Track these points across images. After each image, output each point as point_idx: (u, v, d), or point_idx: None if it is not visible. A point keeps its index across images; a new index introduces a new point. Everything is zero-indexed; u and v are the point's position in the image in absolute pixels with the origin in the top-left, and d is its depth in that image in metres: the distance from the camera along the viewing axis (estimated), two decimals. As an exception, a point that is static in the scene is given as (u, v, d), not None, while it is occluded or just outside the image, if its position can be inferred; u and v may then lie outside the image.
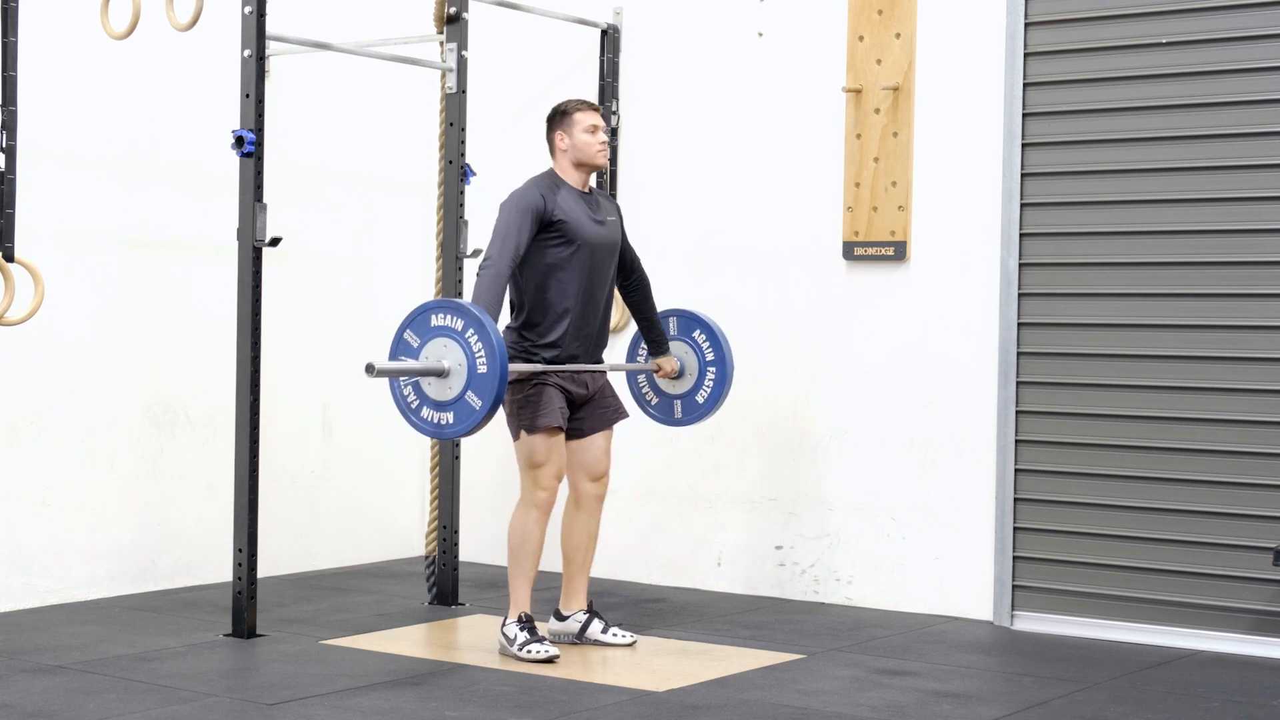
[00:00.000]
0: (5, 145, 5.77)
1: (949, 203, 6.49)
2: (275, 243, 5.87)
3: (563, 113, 5.76)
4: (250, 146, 5.79)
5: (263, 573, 6.49)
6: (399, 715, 4.87)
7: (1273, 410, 5.88)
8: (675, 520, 7.10)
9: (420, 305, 5.35)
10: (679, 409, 6.23)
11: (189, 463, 6.84)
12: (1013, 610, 6.31)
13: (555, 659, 5.54)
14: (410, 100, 7.44)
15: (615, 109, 7.18)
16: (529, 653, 5.56)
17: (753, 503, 6.90)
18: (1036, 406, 6.29)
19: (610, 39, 7.19)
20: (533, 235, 5.58)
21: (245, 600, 5.87)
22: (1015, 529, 6.31)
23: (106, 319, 6.57)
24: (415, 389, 5.32)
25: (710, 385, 6.15)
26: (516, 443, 5.68)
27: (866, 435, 6.67)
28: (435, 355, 5.25)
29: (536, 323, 5.65)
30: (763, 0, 6.90)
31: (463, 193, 6.52)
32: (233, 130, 5.85)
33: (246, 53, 5.83)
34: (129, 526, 6.66)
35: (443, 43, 6.50)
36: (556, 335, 5.64)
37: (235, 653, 5.69)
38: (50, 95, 6.29)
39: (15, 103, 5.80)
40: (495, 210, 5.61)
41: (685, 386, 6.20)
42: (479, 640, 5.92)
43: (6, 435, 6.26)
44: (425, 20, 6.73)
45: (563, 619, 5.87)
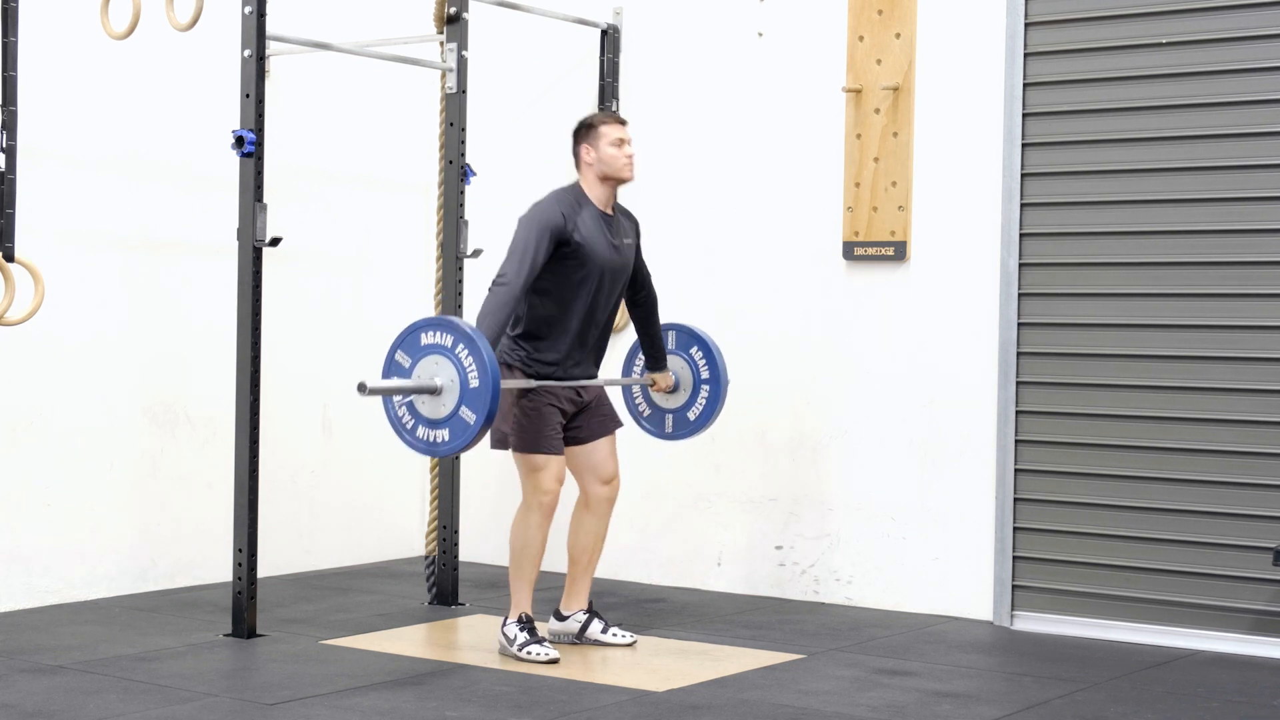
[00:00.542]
0: (5, 145, 5.77)
1: (949, 203, 6.49)
2: (275, 243, 5.87)
3: (589, 126, 5.70)
4: (250, 146, 5.79)
5: (263, 573, 6.49)
6: (399, 715, 4.87)
7: (1273, 410, 5.88)
8: (675, 520, 7.10)
9: (410, 324, 5.33)
10: (670, 423, 6.23)
11: (189, 463, 6.84)
12: (1013, 610, 6.31)
13: (555, 661, 5.54)
14: (410, 100, 7.44)
15: (615, 109, 7.18)
16: (529, 654, 5.56)
17: (753, 503, 6.90)
18: (1036, 406, 6.29)
19: (610, 39, 7.19)
20: (549, 254, 5.53)
21: (245, 600, 5.87)
22: (1015, 529, 6.31)
23: (107, 319, 6.57)
24: (409, 408, 5.30)
25: (703, 403, 6.14)
26: (515, 453, 5.68)
27: (866, 436, 6.67)
28: (427, 373, 5.24)
29: (536, 336, 5.64)
30: (763, 0, 6.90)
31: (463, 193, 6.52)
32: (233, 130, 5.85)
33: (246, 53, 5.83)
34: (129, 526, 6.66)
35: (443, 43, 6.50)
36: (555, 353, 5.62)
37: (235, 653, 5.69)
38: (50, 95, 6.29)
39: (15, 103, 5.79)
40: (495, 210, 5.63)
41: (678, 402, 6.19)
42: (479, 640, 5.92)
43: (7, 435, 6.26)
44: (425, 20, 6.73)
45: (563, 619, 5.87)
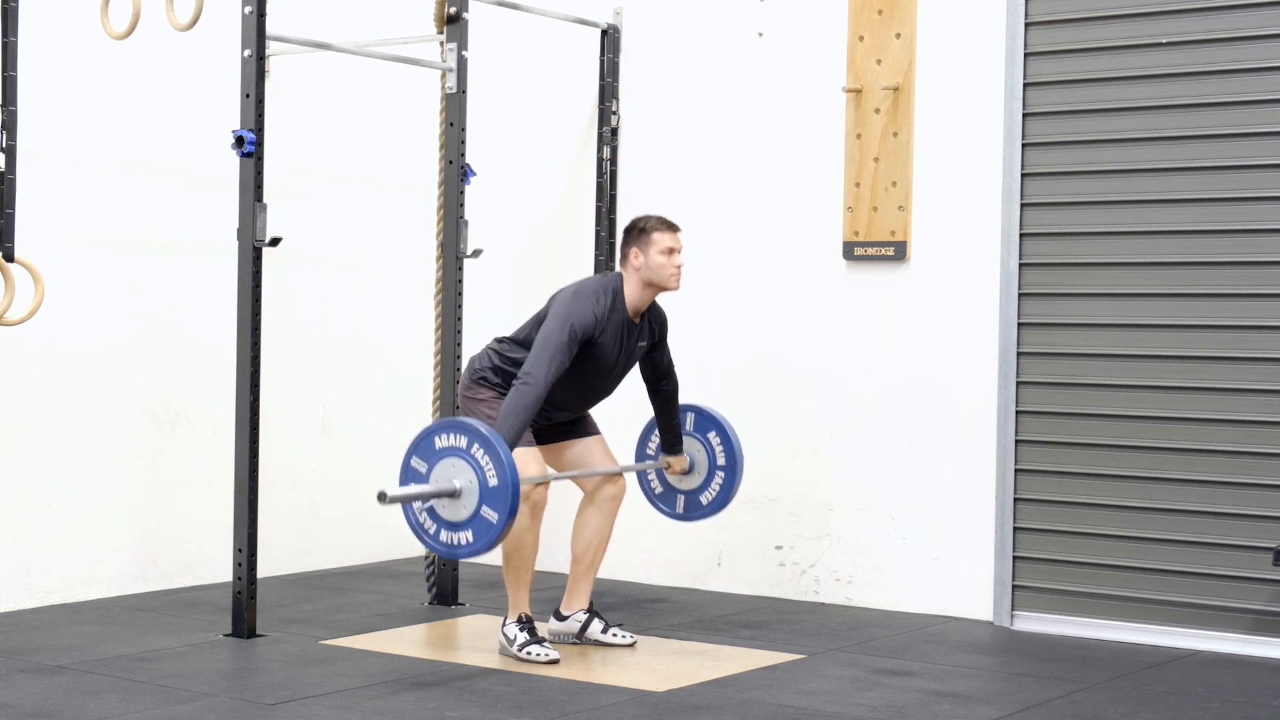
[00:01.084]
0: (5, 145, 5.77)
1: (949, 203, 6.49)
2: (275, 243, 5.87)
3: (641, 230, 5.63)
4: (250, 146, 5.79)
5: (263, 573, 6.49)
6: (399, 715, 4.87)
7: (1273, 410, 5.88)
8: (675, 520, 7.08)
9: (423, 430, 5.35)
10: (681, 504, 6.21)
11: (189, 463, 6.83)
12: (1013, 610, 6.31)
13: (556, 661, 5.53)
14: (410, 100, 7.43)
15: (615, 109, 7.18)
16: (529, 654, 5.56)
17: (753, 503, 6.90)
18: (1036, 406, 6.29)
19: (610, 39, 7.19)
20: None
21: (245, 600, 5.87)
22: (1015, 529, 6.31)
23: (107, 319, 6.57)
24: (430, 514, 5.31)
25: (717, 489, 6.12)
26: None
27: (866, 435, 6.67)
28: (445, 476, 5.26)
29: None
30: (763, 0, 6.90)
31: (463, 193, 6.51)
32: (233, 130, 5.85)
33: (246, 53, 5.83)
34: (129, 526, 6.66)
35: (443, 43, 6.50)
36: (542, 412, 5.62)
37: (235, 653, 5.69)
38: (50, 95, 6.29)
39: (15, 103, 5.79)
40: (495, 210, 5.61)
41: (692, 484, 6.17)
42: (479, 640, 5.92)
43: (7, 435, 6.26)
44: (425, 20, 6.73)
45: (563, 619, 5.86)
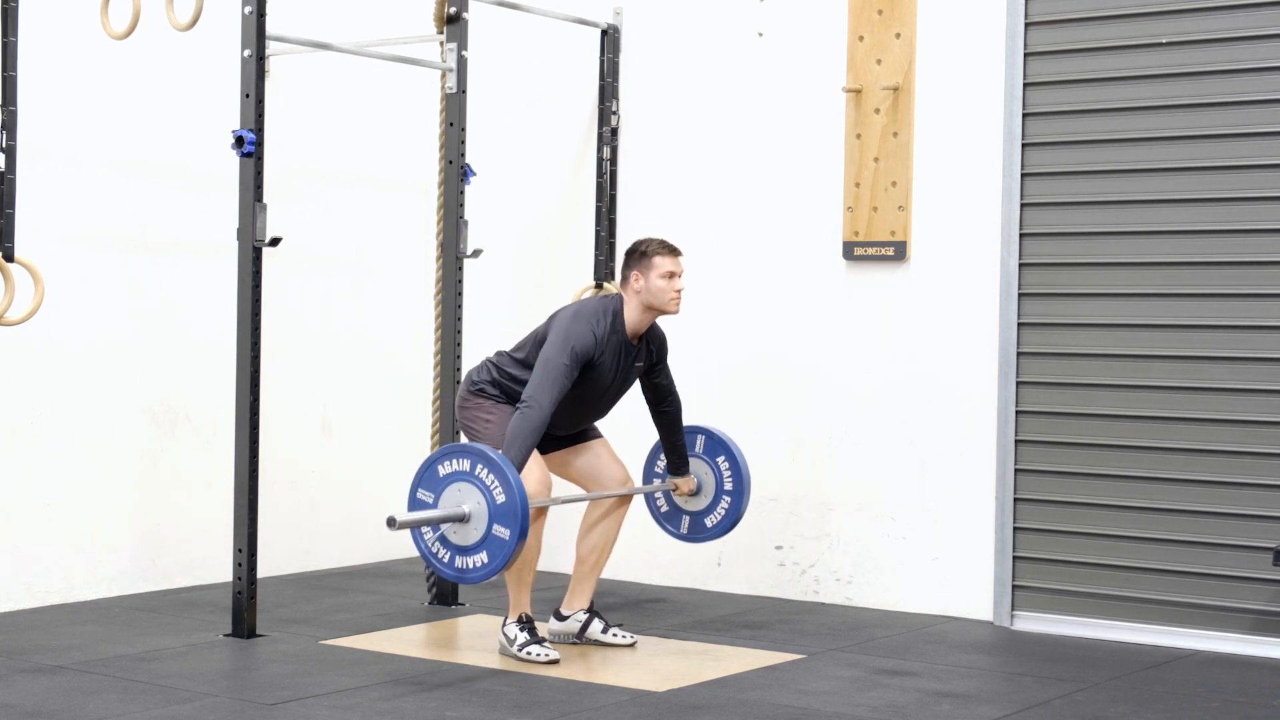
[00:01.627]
0: (5, 145, 5.77)
1: (949, 203, 6.49)
2: (275, 243, 5.87)
3: (642, 254, 5.63)
4: (250, 146, 5.79)
5: (263, 573, 6.49)
6: (399, 715, 4.87)
7: (1273, 410, 5.88)
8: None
9: (425, 460, 5.36)
10: (686, 525, 6.23)
11: (189, 463, 6.83)
12: (1013, 610, 6.31)
13: (556, 662, 5.53)
14: (410, 100, 7.43)
15: (615, 109, 7.18)
16: (529, 654, 5.56)
17: (753, 503, 6.87)
18: (1036, 406, 6.29)
19: (610, 39, 7.19)
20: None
21: (245, 600, 5.87)
22: (1015, 529, 6.31)
23: (106, 319, 6.57)
24: (441, 541, 5.30)
25: (722, 513, 6.14)
26: None
27: (866, 435, 6.67)
28: (453, 502, 5.26)
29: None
30: (763, 0, 6.90)
31: (463, 193, 6.51)
32: (233, 130, 5.85)
33: (246, 53, 5.83)
34: (129, 526, 6.66)
35: (443, 43, 6.50)
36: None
37: (235, 653, 5.69)
38: (50, 95, 6.29)
39: (15, 103, 5.79)
40: (495, 210, 5.61)
41: (698, 505, 6.19)
42: (479, 640, 5.92)
43: (7, 435, 6.26)
44: (425, 20, 6.73)
45: (563, 619, 5.86)
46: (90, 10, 6.19)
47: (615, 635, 5.86)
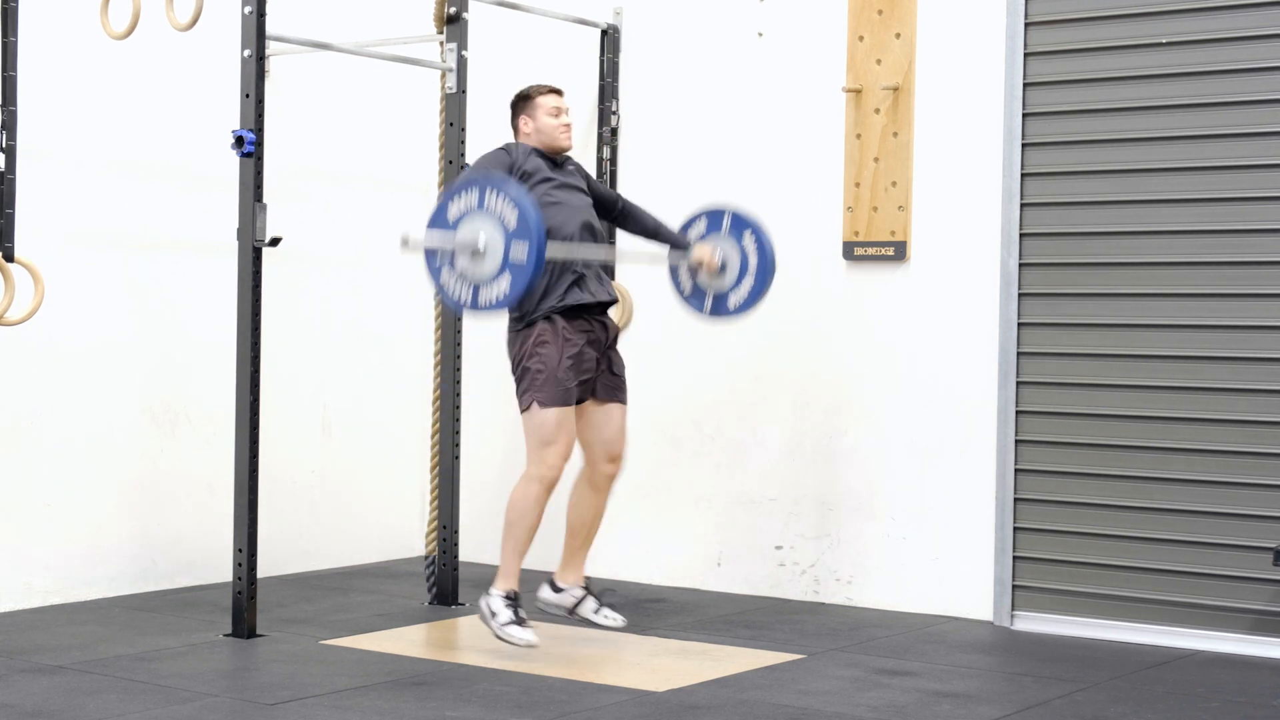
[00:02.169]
0: (5, 145, 5.77)
1: (949, 203, 6.49)
2: (275, 243, 5.87)
3: (525, 97, 5.87)
4: (250, 146, 5.79)
5: (263, 573, 6.48)
6: (399, 715, 4.87)
7: (1273, 410, 5.88)
8: (675, 520, 7.09)
9: (435, 208, 5.36)
10: (710, 303, 6.17)
11: (189, 463, 6.83)
12: (1013, 610, 6.31)
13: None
14: (410, 100, 7.44)
15: (615, 109, 7.18)
16: (508, 634, 5.54)
17: (753, 503, 6.90)
18: (1036, 406, 6.29)
19: (610, 39, 7.19)
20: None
21: (245, 600, 5.87)
22: (1015, 529, 6.31)
23: (106, 319, 6.57)
24: (463, 283, 5.25)
25: (746, 292, 6.08)
26: (525, 414, 5.62)
27: (866, 435, 6.67)
28: (468, 234, 5.25)
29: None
30: (763, 0, 6.90)
31: (463, 192, 6.51)
32: (233, 130, 5.85)
33: (246, 53, 5.83)
34: (129, 526, 6.66)
35: (443, 43, 6.50)
36: (561, 284, 5.59)
37: (235, 653, 5.69)
38: (50, 95, 6.29)
39: (15, 103, 5.80)
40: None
41: (722, 285, 6.12)
42: (479, 640, 5.92)
43: (7, 435, 6.26)
44: (425, 20, 6.73)
45: (558, 590, 5.87)
46: (90, 10, 6.19)
47: (605, 617, 5.89)
